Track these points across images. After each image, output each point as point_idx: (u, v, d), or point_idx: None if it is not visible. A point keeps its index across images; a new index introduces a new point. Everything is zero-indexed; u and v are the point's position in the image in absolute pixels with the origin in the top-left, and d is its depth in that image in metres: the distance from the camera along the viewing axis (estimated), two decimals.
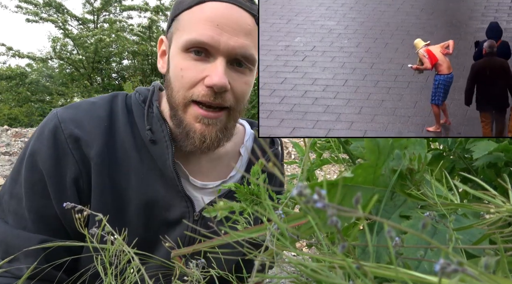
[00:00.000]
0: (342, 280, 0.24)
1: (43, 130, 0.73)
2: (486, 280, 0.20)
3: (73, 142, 0.71)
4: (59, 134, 0.71)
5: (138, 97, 0.80)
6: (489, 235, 0.38)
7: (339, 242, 0.22)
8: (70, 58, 11.71)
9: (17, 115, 11.16)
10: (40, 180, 0.71)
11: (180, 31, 0.71)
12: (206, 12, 0.68)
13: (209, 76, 0.68)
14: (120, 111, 0.77)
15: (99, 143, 0.72)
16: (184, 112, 0.72)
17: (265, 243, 0.34)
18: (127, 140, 0.75)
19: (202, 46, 0.68)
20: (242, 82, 0.73)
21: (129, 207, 0.75)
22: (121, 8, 12.84)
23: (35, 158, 0.71)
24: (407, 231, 0.25)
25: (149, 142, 0.75)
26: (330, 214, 0.20)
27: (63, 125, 0.72)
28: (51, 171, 0.70)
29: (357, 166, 0.41)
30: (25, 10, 10.98)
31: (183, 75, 0.70)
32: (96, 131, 0.73)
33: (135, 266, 0.49)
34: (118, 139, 0.75)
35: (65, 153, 0.71)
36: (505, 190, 0.37)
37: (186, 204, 0.78)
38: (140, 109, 0.78)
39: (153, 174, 0.76)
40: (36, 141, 0.72)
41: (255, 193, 0.54)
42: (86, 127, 0.73)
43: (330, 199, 0.39)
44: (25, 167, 0.72)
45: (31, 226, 0.71)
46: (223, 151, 0.86)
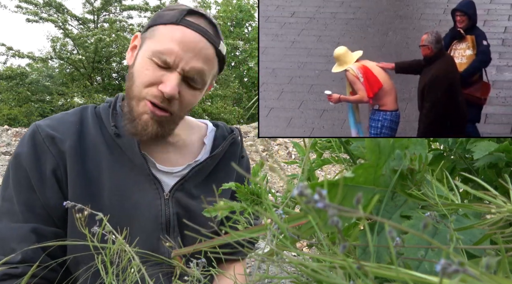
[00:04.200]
0: (343, 280, 0.24)
1: (24, 137, 0.87)
2: (487, 281, 0.20)
3: (49, 140, 0.84)
4: (37, 136, 0.84)
5: (105, 104, 0.94)
6: (490, 235, 0.38)
7: (340, 242, 0.22)
8: (70, 58, 11.70)
9: (17, 115, 11.16)
10: (25, 177, 0.82)
11: (152, 39, 0.84)
12: (177, 34, 0.81)
13: (163, 84, 0.81)
14: (90, 117, 0.91)
15: (72, 139, 0.85)
16: (137, 104, 0.84)
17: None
18: (96, 137, 0.88)
19: (165, 59, 0.80)
20: (190, 95, 0.86)
21: (102, 193, 0.85)
22: (121, 8, 12.84)
23: (18, 159, 0.83)
24: (408, 231, 0.25)
25: (115, 136, 0.88)
26: (331, 214, 0.20)
27: (40, 129, 0.85)
28: (33, 167, 0.82)
29: (358, 166, 0.41)
30: (25, 10, 10.98)
31: (144, 74, 0.82)
32: (68, 131, 0.86)
33: (136, 266, 0.49)
34: (88, 137, 0.88)
35: (43, 150, 0.83)
36: (506, 190, 0.37)
37: (155, 185, 0.89)
38: (106, 112, 0.91)
39: (122, 163, 0.88)
40: (19, 147, 0.85)
41: (256, 193, 0.54)
42: (60, 129, 0.86)
43: (330, 199, 0.39)
44: (11, 169, 0.84)
45: (22, 218, 0.81)
46: (189, 141, 1.01)
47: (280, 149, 5.20)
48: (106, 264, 0.49)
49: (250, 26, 17.66)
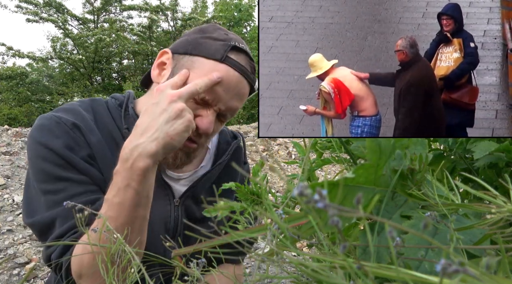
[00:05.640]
0: (343, 280, 0.24)
1: (45, 127, 0.80)
2: (487, 281, 0.20)
3: (77, 130, 0.80)
4: (62, 126, 0.79)
5: (115, 102, 0.90)
6: (490, 235, 0.38)
7: (340, 242, 0.22)
8: (70, 58, 11.68)
9: (17, 114, 11.16)
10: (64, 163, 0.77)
11: (191, 72, 0.80)
12: (221, 74, 0.78)
13: (201, 118, 0.79)
14: (103, 112, 0.87)
15: (95, 133, 0.82)
16: None
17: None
18: (114, 133, 0.85)
19: (203, 98, 0.78)
20: (219, 127, 0.86)
21: None
22: (121, 8, 12.83)
23: (50, 148, 0.77)
24: (408, 231, 0.25)
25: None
26: (331, 214, 0.20)
27: (63, 119, 0.80)
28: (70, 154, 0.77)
29: (359, 167, 0.41)
30: (25, 10, 10.96)
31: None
32: (89, 125, 0.82)
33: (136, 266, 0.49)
34: (105, 132, 0.84)
35: (74, 138, 0.79)
36: (506, 190, 0.37)
37: (166, 191, 0.88)
38: (117, 112, 0.87)
39: None
40: (43, 136, 0.78)
41: (256, 193, 0.54)
42: (81, 121, 0.81)
43: (331, 199, 0.39)
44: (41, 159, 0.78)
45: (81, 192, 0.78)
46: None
47: (280, 149, 5.20)
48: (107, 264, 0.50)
49: (249, 26, 17.67)
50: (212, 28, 0.86)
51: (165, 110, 0.71)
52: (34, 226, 0.79)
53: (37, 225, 0.78)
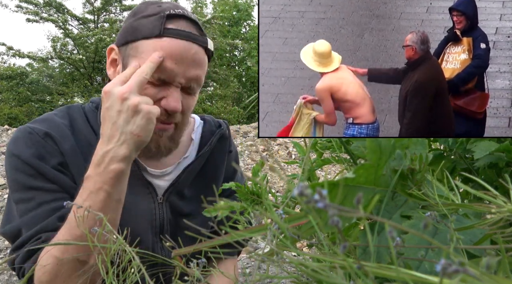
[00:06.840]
0: (343, 280, 0.24)
1: (17, 139, 0.82)
2: (487, 281, 0.20)
3: (48, 139, 0.80)
4: (34, 136, 0.80)
5: (91, 105, 0.90)
6: (490, 235, 0.38)
7: (340, 242, 0.22)
8: (70, 58, 11.69)
9: (17, 114, 11.16)
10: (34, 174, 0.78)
11: (138, 58, 0.78)
12: (165, 49, 0.76)
13: (165, 99, 0.77)
14: (79, 118, 0.87)
15: (69, 140, 0.82)
16: None
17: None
18: (89, 138, 0.85)
19: (158, 77, 0.76)
20: (189, 101, 0.83)
21: None
22: (121, 8, 12.83)
23: (20, 159, 0.79)
24: (408, 231, 0.25)
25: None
26: (331, 214, 0.20)
27: (36, 130, 0.81)
28: (40, 164, 0.78)
29: (359, 167, 0.41)
30: (25, 10, 10.98)
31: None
32: (63, 133, 0.83)
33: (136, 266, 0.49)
34: (81, 137, 0.84)
35: (44, 146, 0.80)
36: (506, 190, 0.37)
37: (148, 190, 0.87)
38: (94, 115, 0.88)
39: None
40: (15, 148, 0.80)
41: (256, 193, 0.54)
42: (55, 130, 0.82)
43: (331, 199, 0.39)
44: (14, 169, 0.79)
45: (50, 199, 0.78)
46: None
47: (280, 149, 5.20)
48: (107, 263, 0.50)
49: (248, 25, 17.67)
50: (144, 6, 0.82)
51: (120, 111, 0.71)
52: (6, 235, 0.80)
53: (8, 234, 0.79)
